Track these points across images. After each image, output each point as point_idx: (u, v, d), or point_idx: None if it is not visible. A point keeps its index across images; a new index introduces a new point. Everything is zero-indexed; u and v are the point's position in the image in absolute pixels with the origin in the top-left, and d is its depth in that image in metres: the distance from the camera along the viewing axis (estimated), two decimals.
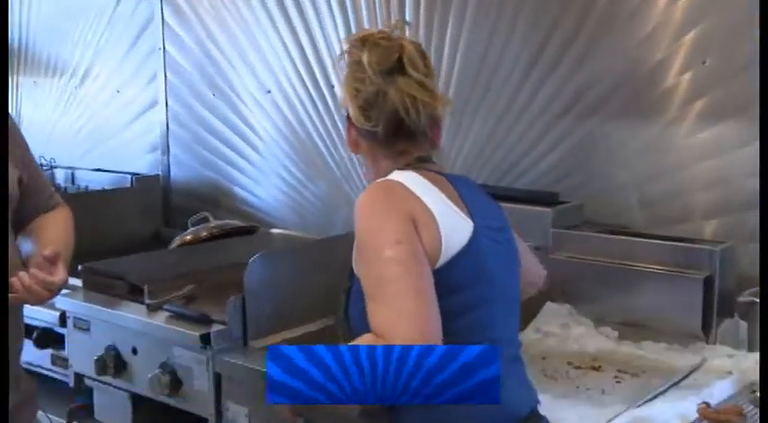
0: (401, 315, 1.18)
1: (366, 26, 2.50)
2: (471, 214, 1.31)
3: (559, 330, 1.84)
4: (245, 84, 2.85)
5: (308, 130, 2.72)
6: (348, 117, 1.39)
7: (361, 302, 1.26)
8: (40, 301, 1.64)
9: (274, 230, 2.71)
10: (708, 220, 1.97)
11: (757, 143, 1.86)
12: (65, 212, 1.85)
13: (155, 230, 2.96)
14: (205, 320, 1.92)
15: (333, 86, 2.62)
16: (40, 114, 3.52)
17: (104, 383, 2.08)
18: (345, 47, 1.38)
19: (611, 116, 2.13)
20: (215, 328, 1.88)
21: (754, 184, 1.86)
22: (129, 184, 2.93)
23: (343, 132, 2.48)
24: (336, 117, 2.63)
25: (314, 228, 2.70)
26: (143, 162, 3.17)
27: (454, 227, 1.28)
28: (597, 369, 1.70)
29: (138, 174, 3.03)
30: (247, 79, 2.85)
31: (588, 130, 2.16)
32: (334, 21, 2.59)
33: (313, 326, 2.01)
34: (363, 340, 1.21)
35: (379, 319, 1.19)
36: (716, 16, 1.93)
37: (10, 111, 3.45)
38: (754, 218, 1.85)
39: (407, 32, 1.43)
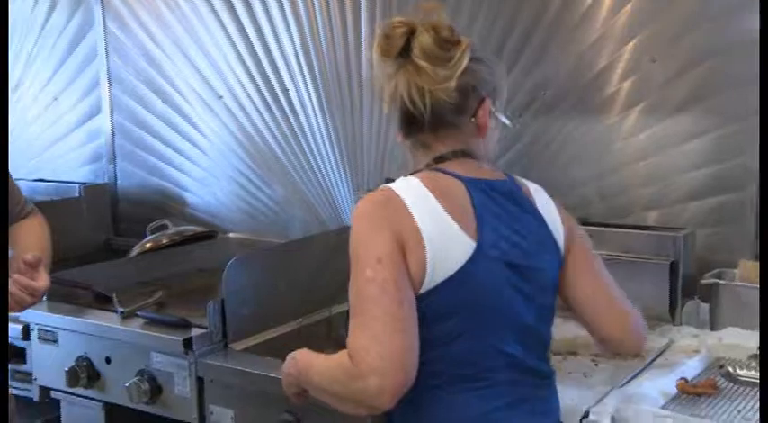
0: (372, 341, 1.16)
1: (319, 26, 2.53)
2: (478, 230, 1.23)
3: None
4: (195, 90, 2.83)
5: (263, 134, 2.72)
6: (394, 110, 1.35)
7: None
8: (23, 307, 1.61)
9: (233, 235, 2.71)
10: (649, 212, 2.10)
11: (694, 141, 2.03)
12: (39, 220, 1.82)
13: (105, 240, 2.91)
14: (184, 325, 1.91)
15: (287, 90, 2.64)
16: None
17: (75, 395, 2.04)
18: (375, 38, 1.32)
19: (566, 114, 2.22)
20: (195, 332, 1.88)
21: (691, 177, 2.02)
22: (76, 194, 2.86)
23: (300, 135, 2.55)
24: (292, 120, 2.65)
25: (269, 232, 2.71)
26: (85, 171, 3.11)
27: (448, 249, 1.21)
28: (574, 354, 1.78)
29: (84, 183, 2.96)
30: (197, 85, 2.83)
31: (545, 128, 2.25)
32: (285, 22, 2.60)
33: (289, 326, 2.04)
34: (338, 357, 1.21)
35: (351, 340, 1.19)
36: (655, 25, 2.06)
37: None
38: (691, 208, 2.02)
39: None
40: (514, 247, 1.26)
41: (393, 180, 1.31)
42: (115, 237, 2.94)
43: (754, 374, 1.58)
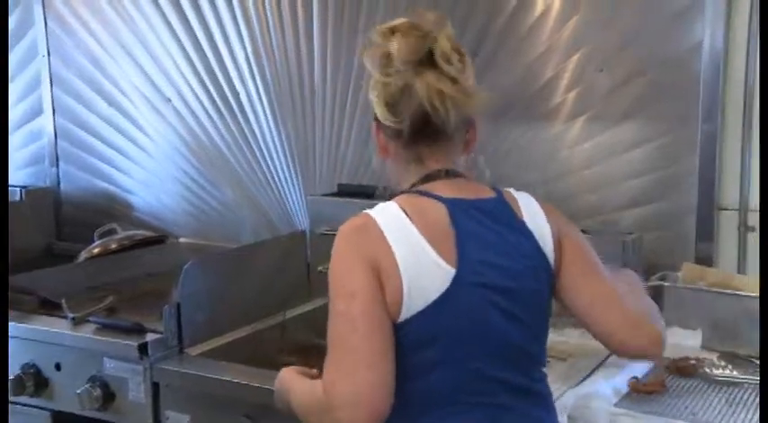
0: (342, 375, 1.16)
1: (271, 30, 2.53)
2: (458, 256, 1.20)
3: None
4: (142, 92, 2.79)
5: (212, 138, 2.70)
6: (376, 119, 1.30)
7: None
8: None
9: (183, 240, 2.69)
10: (593, 217, 2.16)
11: (637, 149, 2.10)
12: None
13: (47, 244, 2.84)
14: (138, 330, 1.89)
15: (238, 93, 2.63)
16: None
17: (20, 404, 2.00)
18: (372, 38, 1.28)
19: (513, 122, 2.27)
20: (151, 336, 1.86)
21: (634, 184, 2.10)
22: (17, 198, 2.79)
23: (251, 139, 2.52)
24: (242, 123, 2.64)
25: (217, 235, 2.69)
26: (26, 174, 3.03)
27: (425, 277, 1.19)
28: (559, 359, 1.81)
29: (25, 186, 2.89)
30: (144, 88, 2.78)
31: (492, 135, 2.29)
32: (236, 26, 2.59)
33: (244, 331, 2.03)
34: (314, 386, 1.23)
35: (326, 373, 1.19)
36: (597, 38, 2.12)
37: None
38: (634, 213, 2.10)
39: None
40: (500, 270, 1.24)
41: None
42: (58, 241, 2.88)
43: (728, 373, 1.67)
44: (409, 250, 1.20)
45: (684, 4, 2.00)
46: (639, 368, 1.69)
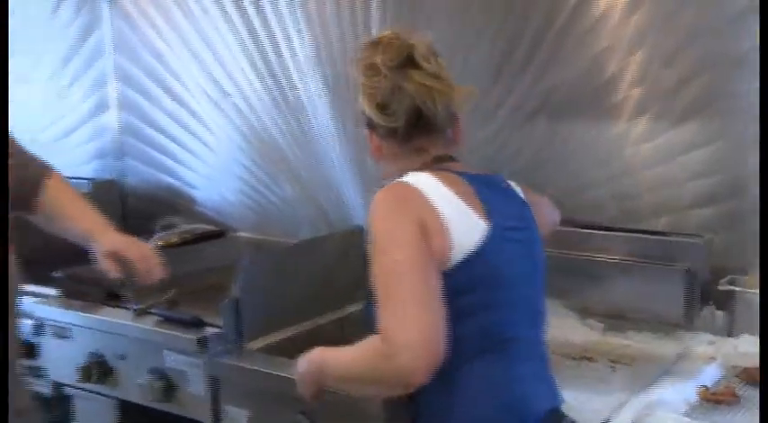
0: (403, 320, 1.21)
1: (330, 25, 2.53)
2: (487, 214, 1.33)
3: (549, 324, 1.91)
4: (203, 87, 2.83)
5: (271, 133, 2.71)
6: (368, 124, 1.43)
7: (373, 299, 1.29)
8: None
9: (242, 234, 2.71)
10: (659, 217, 2.09)
11: (700, 149, 2.04)
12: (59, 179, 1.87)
13: None
14: (198, 323, 1.91)
15: (296, 88, 2.64)
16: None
17: (88, 391, 2.04)
18: (359, 53, 1.44)
19: (578, 118, 2.23)
20: (210, 331, 1.88)
21: (700, 183, 2.02)
22: (86, 190, 2.85)
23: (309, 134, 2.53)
24: (301, 119, 2.65)
25: (277, 230, 2.71)
26: (92, 167, 3.10)
27: (466, 229, 1.30)
28: (590, 359, 1.78)
29: (91, 179, 2.95)
30: (204, 82, 2.82)
31: (555, 131, 2.25)
32: (296, 24, 2.60)
33: (303, 326, 2.04)
34: (367, 342, 1.27)
35: (383, 323, 1.23)
36: (662, 34, 2.06)
37: None
38: (701, 214, 2.01)
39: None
40: (518, 231, 1.39)
41: None
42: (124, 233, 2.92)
43: None
44: (449, 208, 1.31)
45: (745, 3, 1.93)
46: (708, 377, 1.64)
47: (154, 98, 2.94)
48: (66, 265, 2.19)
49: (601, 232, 2.05)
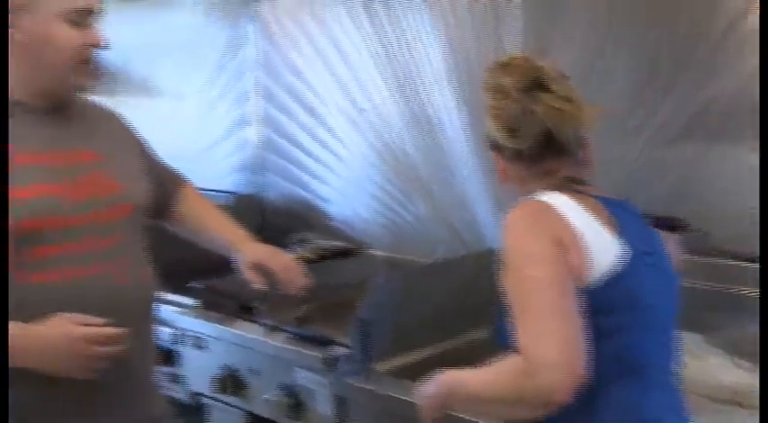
0: (542, 335, 1.20)
1: (467, 40, 2.50)
2: (624, 238, 1.31)
3: (692, 361, 1.80)
4: (338, 102, 2.87)
5: (405, 149, 2.71)
6: (494, 146, 1.42)
7: (507, 318, 1.28)
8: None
9: (374, 252, 2.72)
10: None
11: None
12: (193, 189, 1.95)
13: None
14: (327, 342, 1.92)
15: (431, 104, 2.62)
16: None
17: (222, 402, 2.09)
18: (487, 74, 1.42)
19: (729, 140, 2.09)
20: (338, 350, 1.88)
21: None
22: (227, 203, 2.94)
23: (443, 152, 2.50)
24: (435, 136, 2.62)
25: (409, 248, 2.70)
26: (233, 180, 3.20)
27: (602, 248, 1.29)
28: (740, 405, 1.66)
29: (232, 192, 3.05)
30: (340, 98, 2.86)
31: (703, 154, 2.12)
32: (431, 39, 2.59)
33: (433, 349, 2.01)
34: (507, 361, 1.24)
35: (521, 340, 1.22)
36: None
37: None
38: None
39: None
40: (650, 253, 1.36)
41: None
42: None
43: None
44: (585, 226, 1.29)
45: None
46: None
47: (293, 114, 3.01)
48: (204, 276, 2.26)
49: (753, 265, 1.91)
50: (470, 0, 2.37)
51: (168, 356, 2.24)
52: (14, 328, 1.41)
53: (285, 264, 1.87)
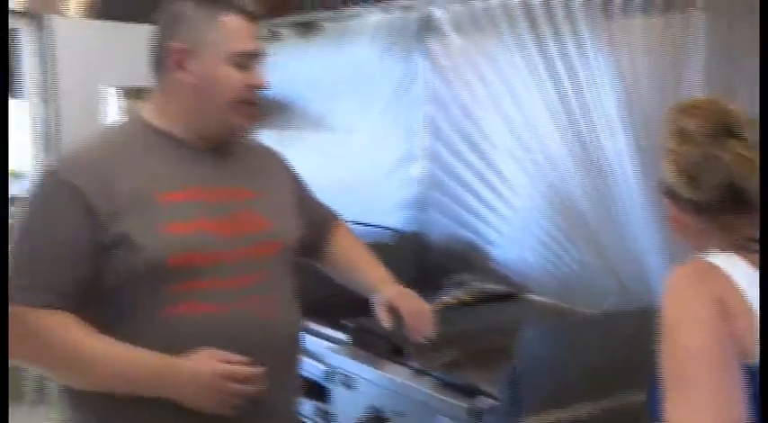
0: (697, 409, 1.11)
1: (643, 83, 2.37)
2: None
3: None
4: (505, 141, 2.81)
5: (572, 193, 2.60)
6: (668, 193, 1.33)
7: (660, 386, 1.19)
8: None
9: (534, 297, 2.61)
10: None
11: None
12: (345, 229, 1.99)
13: (407, 285, 2.95)
14: (473, 391, 1.85)
15: (602, 148, 2.50)
16: (306, 167, 3.64)
17: None
18: (669, 116, 1.34)
19: None
20: (485, 400, 1.81)
21: None
22: (387, 240, 2.96)
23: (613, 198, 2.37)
24: (605, 181, 2.50)
25: (572, 297, 2.57)
26: (397, 217, 3.20)
27: None
28: None
29: (395, 229, 3.05)
30: (507, 137, 2.80)
31: None
32: (605, 78, 2.47)
33: (589, 408, 1.88)
34: None
35: (671, 411, 1.13)
36: None
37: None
38: None
39: None
40: None
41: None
42: (419, 286, 2.97)
43: None
44: (755, 289, 1.18)
45: None
46: None
47: (460, 152, 2.98)
48: (357, 313, 2.26)
49: None
50: (647, 41, 2.24)
51: (319, 392, 2.25)
52: (157, 359, 1.46)
53: (415, 309, 1.86)
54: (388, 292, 1.86)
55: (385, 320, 1.84)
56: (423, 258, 3.06)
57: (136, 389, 1.47)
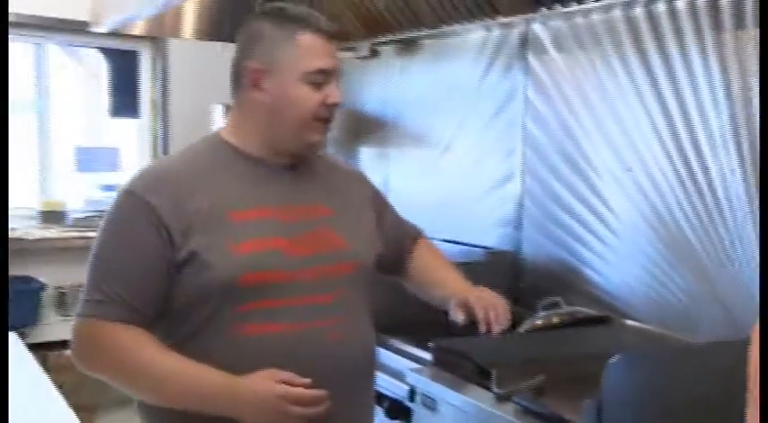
0: None
1: (752, 102, 2.23)
2: None
3: None
4: (605, 161, 2.71)
5: (675, 215, 2.48)
6: None
7: None
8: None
9: (630, 323, 2.50)
10: None
11: None
12: (428, 245, 1.98)
13: None
14: (557, 419, 1.78)
15: (708, 169, 2.37)
16: (405, 184, 3.68)
17: None
18: None
19: None
20: None
21: None
22: (482, 258, 2.91)
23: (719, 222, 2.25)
24: (710, 203, 2.37)
25: (672, 325, 2.44)
26: (493, 236, 3.15)
27: None
28: None
29: (489, 248, 3.00)
30: (607, 156, 2.71)
31: None
32: (713, 95, 2.35)
33: None
34: None
35: None
36: None
37: (380, 179, 3.68)
38: None
39: None
40: None
41: None
42: (515, 306, 2.89)
43: None
44: None
45: None
46: None
47: (559, 171, 2.90)
48: (442, 334, 2.22)
49: None
50: (759, 55, 2.12)
51: (403, 412, 2.23)
52: (222, 378, 1.47)
53: (487, 301, 1.85)
54: (462, 292, 1.86)
55: (459, 317, 1.81)
56: (517, 278, 2.99)
57: (202, 407, 1.49)
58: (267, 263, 1.54)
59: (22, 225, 4.34)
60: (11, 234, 4.21)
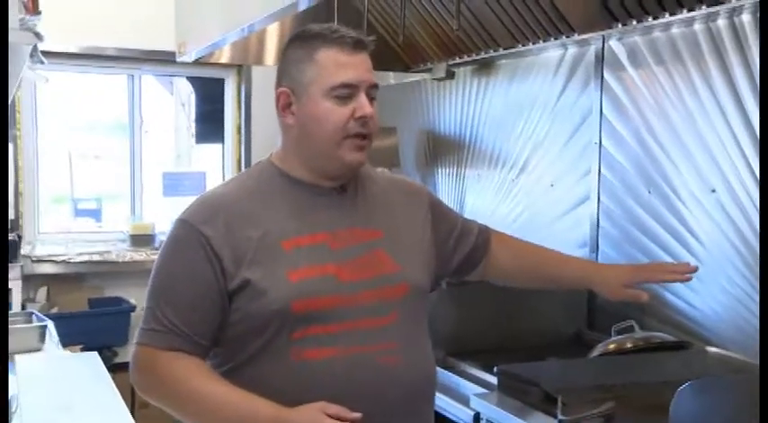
0: None
1: None
2: None
3: None
4: (686, 181, 2.61)
5: (759, 235, 2.36)
6: None
7: None
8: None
9: (712, 349, 2.38)
10: None
11: None
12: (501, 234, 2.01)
13: (577, 331, 2.82)
14: None
15: None
16: (480, 204, 3.64)
17: None
18: None
19: None
20: None
21: None
22: None
23: None
24: None
25: (752, 350, 2.31)
26: None
27: None
28: None
29: None
30: (688, 176, 2.60)
31: None
32: None
33: None
34: None
35: None
36: None
37: (456, 200, 3.67)
38: None
39: None
40: None
41: None
42: (589, 330, 2.83)
43: None
44: None
45: None
46: None
47: (636, 191, 2.81)
48: (507, 354, 2.19)
49: None
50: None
51: None
52: (270, 409, 1.45)
53: (653, 271, 1.91)
54: (614, 276, 1.90)
55: (635, 296, 1.88)
56: (591, 301, 2.90)
57: None
58: (319, 289, 1.53)
59: (115, 248, 4.52)
60: (104, 257, 4.39)
